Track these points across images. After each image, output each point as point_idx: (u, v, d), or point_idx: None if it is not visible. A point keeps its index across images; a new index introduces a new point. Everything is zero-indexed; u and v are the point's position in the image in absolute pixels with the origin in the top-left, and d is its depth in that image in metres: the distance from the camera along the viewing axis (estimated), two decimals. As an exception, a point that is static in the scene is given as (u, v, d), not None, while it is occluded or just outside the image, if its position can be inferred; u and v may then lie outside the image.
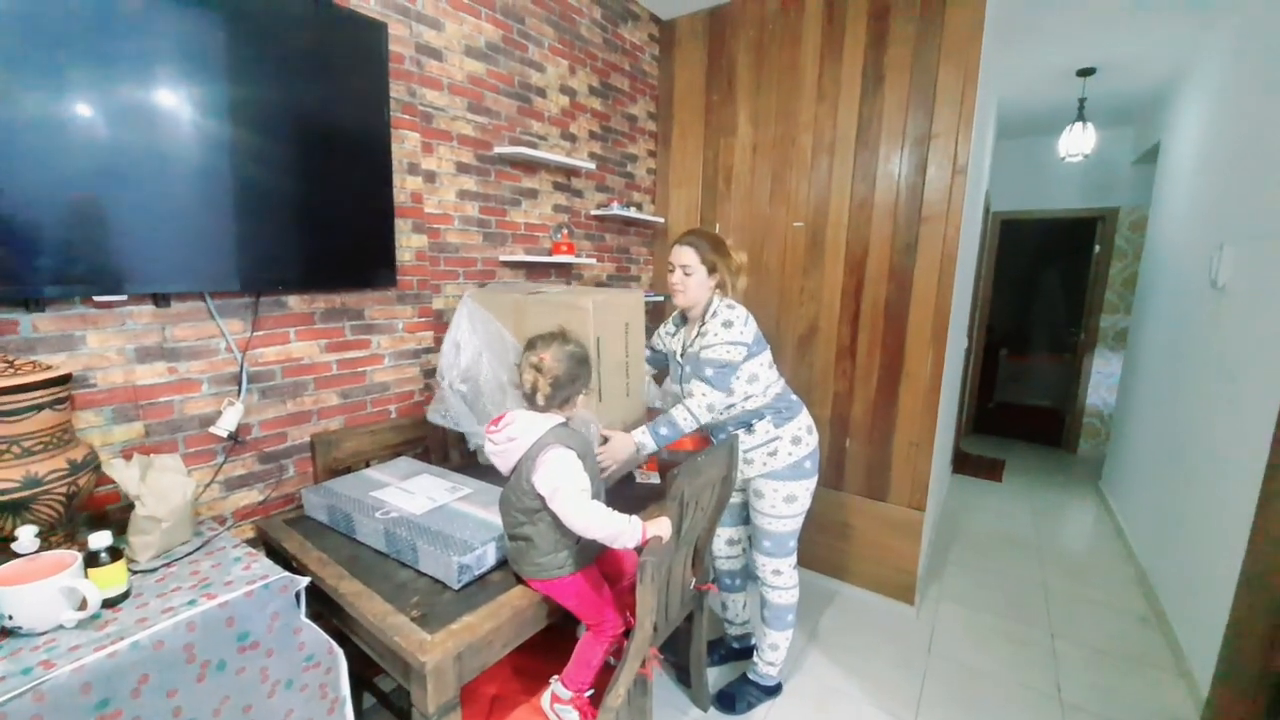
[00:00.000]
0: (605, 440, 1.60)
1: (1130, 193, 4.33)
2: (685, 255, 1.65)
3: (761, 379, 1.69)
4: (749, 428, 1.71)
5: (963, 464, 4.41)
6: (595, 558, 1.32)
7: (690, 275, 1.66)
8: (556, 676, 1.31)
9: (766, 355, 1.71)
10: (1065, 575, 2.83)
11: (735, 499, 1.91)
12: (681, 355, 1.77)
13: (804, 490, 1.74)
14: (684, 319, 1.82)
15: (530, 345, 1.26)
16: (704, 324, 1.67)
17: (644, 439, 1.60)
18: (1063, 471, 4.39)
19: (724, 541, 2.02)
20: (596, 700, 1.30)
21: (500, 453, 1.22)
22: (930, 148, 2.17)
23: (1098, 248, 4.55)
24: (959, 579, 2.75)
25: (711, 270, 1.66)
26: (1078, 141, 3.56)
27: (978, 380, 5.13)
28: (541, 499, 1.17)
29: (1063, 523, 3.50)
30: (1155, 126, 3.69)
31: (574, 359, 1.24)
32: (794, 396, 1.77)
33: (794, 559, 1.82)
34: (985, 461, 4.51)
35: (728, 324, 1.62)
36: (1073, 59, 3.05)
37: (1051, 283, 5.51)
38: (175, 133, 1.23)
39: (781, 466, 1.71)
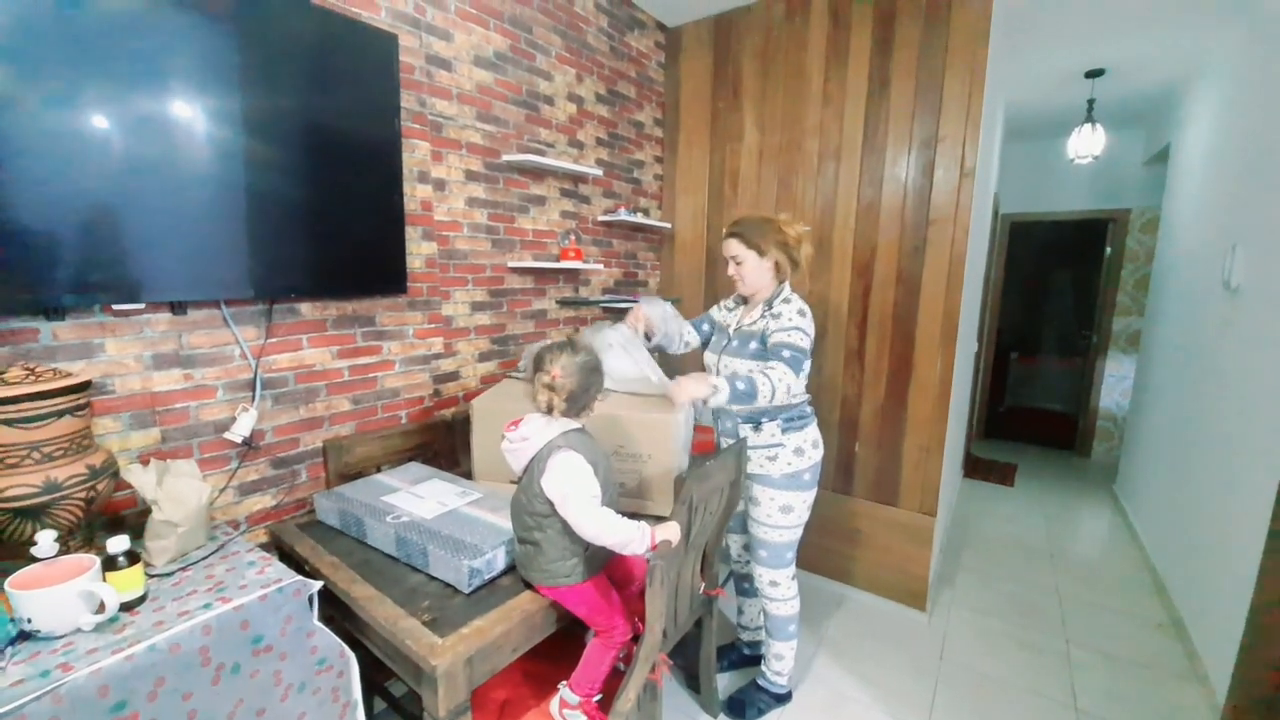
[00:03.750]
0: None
1: (1141, 194, 4.29)
2: (731, 247, 1.69)
3: None
4: (757, 425, 1.70)
5: (974, 468, 4.37)
6: (604, 566, 1.32)
7: (742, 264, 1.68)
8: (565, 682, 1.31)
9: (809, 363, 1.67)
10: (1079, 581, 2.79)
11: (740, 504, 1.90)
12: (734, 330, 1.76)
13: (801, 502, 1.72)
14: (744, 300, 1.82)
15: (539, 362, 1.23)
16: (772, 308, 1.67)
17: (722, 384, 1.44)
18: (1076, 476, 4.34)
19: (739, 547, 2.01)
20: (605, 705, 1.30)
21: (514, 451, 1.24)
22: (937, 151, 2.17)
23: (1109, 250, 4.50)
24: (971, 585, 2.72)
25: (761, 253, 1.67)
26: (1087, 143, 3.53)
27: (988, 384, 5.08)
28: (551, 504, 1.17)
29: (1076, 527, 3.45)
30: (1166, 127, 3.66)
31: (585, 369, 1.23)
32: (809, 408, 1.77)
33: (792, 570, 1.80)
34: (996, 466, 4.47)
35: (803, 312, 1.64)
36: (1081, 60, 3.03)
37: (1062, 285, 5.46)
38: (191, 144, 1.26)
39: (778, 474, 1.69)
